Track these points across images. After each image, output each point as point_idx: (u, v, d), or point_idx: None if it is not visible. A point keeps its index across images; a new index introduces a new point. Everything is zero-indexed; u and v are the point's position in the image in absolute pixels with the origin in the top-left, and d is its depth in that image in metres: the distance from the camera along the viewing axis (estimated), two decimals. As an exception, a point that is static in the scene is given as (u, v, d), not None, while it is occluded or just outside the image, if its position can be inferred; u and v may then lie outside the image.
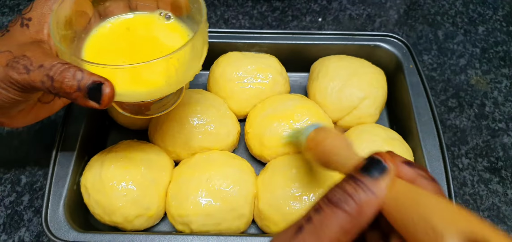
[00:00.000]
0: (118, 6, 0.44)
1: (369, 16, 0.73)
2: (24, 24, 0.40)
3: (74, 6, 0.40)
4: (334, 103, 0.54)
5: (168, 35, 0.43)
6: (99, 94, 0.34)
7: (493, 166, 0.56)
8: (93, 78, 0.34)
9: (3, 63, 0.37)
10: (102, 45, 0.42)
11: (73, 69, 0.35)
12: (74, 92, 0.35)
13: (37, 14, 0.40)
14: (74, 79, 0.34)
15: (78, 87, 0.34)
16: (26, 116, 0.43)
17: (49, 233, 0.44)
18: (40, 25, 0.40)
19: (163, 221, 0.49)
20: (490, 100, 0.62)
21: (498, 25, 0.72)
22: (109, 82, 0.35)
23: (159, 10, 0.44)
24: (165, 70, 0.37)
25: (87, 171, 0.48)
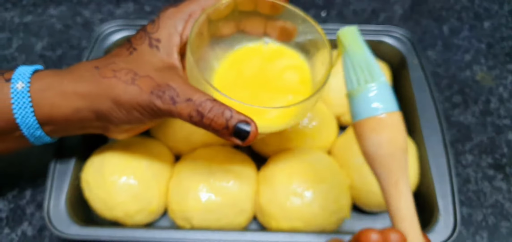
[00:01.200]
0: (228, 26, 0.44)
1: (374, 10, 0.72)
2: (153, 46, 0.40)
3: (199, 28, 0.40)
4: (337, 98, 0.54)
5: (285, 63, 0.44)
6: (246, 134, 0.36)
7: (498, 163, 0.56)
8: (241, 118, 0.35)
9: (147, 90, 0.37)
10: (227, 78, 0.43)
11: (222, 108, 0.36)
12: (222, 130, 0.36)
13: (165, 35, 0.40)
14: (223, 118, 0.35)
15: (226, 126, 0.35)
16: (135, 130, 0.43)
17: (51, 227, 0.44)
18: (170, 48, 0.40)
19: (164, 216, 0.50)
20: (495, 97, 0.62)
21: (504, 21, 0.71)
22: (254, 123, 0.36)
23: (264, 38, 0.45)
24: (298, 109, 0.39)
25: (89, 166, 0.48)
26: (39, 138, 0.41)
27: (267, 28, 0.45)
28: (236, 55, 0.45)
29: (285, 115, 0.39)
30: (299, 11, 0.42)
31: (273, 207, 0.46)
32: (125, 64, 0.39)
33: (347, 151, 0.50)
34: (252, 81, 0.43)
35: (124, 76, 0.38)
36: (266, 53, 0.45)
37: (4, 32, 0.68)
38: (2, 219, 0.50)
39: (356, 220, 0.50)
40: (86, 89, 0.38)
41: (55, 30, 0.69)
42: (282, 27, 0.44)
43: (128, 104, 0.38)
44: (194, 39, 0.39)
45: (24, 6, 0.72)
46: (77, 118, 0.40)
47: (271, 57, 0.45)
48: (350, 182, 0.48)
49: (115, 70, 0.38)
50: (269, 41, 0.45)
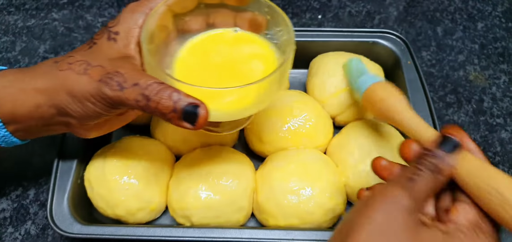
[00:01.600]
0: (196, 21, 0.44)
1: (369, 13, 0.73)
2: (111, 38, 0.40)
3: (159, 21, 0.40)
4: (332, 99, 0.55)
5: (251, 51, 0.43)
6: (195, 116, 0.34)
7: (491, 160, 0.56)
8: (189, 100, 0.34)
9: (96, 78, 0.37)
10: (188, 65, 0.42)
11: (169, 90, 0.34)
12: (170, 113, 0.34)
13: (124, 28, 0.40)
14: (170, 100, 0.34)
15: (174, 109, 0.34)
16: (102, 128, 0.43)
17: (54, 226, 0.45)
18: (127, 39, 0.40)
19: (165, 214, 0.51)
20: (489, 96, 0.63)
21: (497, 21, 0.72)
22: (204, 104, 0.34)
23: (234, 28, 0.45)
24: (256, 92, 0.37)
25: (91, 165, 0.49)
26: (4, 137, 0.41)
27: (237, 21, 0.44)
28: (200, 41, 0.44)
29: (243, 100, 0.38)
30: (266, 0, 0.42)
31: (270, 204, 0.47)
32: (80, 56, 0.39)
33: (343, 150, 0.51)
34: (215, 68, 0.42)
35: (78, 67, 0.38)
36: (233, 40, 0.44)
37: (7, 35, 0.69)
38: (6, 218, 0.51)
39: (352, 217, 0.51)
40: (45, 84, 0.38)
41: (58, 33, 0.70)
42: (252, 19, 0.44)
43: (80, 95, 0.37)
44: (150, 28, 0.39)
45: (27, 10, 0.73)
46: (39, 115, 0.39)
47: (238, 44, 0.44)
48: (345, 180, 0.49)
49: (70, 63, 0.38)
50: (238, 30, 0.45)
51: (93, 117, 0.39)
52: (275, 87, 0.39)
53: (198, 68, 0.42)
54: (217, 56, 0.43)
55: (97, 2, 0.74)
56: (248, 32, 0.45)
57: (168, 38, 0.42)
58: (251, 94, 0.38)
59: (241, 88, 0.36)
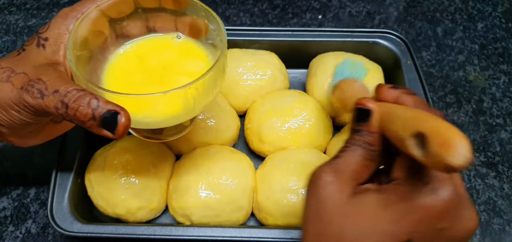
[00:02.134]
0: (135, 26, 0.43)
1: (369, 13, 0.73)
2: (40, 44, 0.39)
3: (91, 26, 0.39)
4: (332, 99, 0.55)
5: (187, 59, 0.43)
6: (115, 124, 0.33)
7: (490, 160, 0.57)
8: (108, 107, 0.33)
9: (18, 86, 0.36)
10: (120, 71, 0.41)
11: (88, 97, 0.33)
12: (88, 120, 0.33)
13: (53, 34, 0.39)
14: (88, 108, 0.33)
15: (93, 116, 0.33)
16: (37, 136, 0.43)
17: (55, 225, 0.45)
18: (56, 45, 0.39)
19: (165, 214, 0.51)
20: (488, 96, 0.63)
21: (497, 22, 0.72)
22: (125, 111, 0.33)
23: (176, 33, 0.44)
24: (183, 99, 0.36)
25: (91, 164, 0.49)
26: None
27: (177, 25, 0.44)
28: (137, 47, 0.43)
29: (171, 107, 0.37)
30: (202, 4, 0.41)
31: (270, 204, 0.47)
32: (6, 63, 0.38)
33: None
34: (147, 75, 0.41)
35: (1, 75, 0.37)
36: (169, 46, 0.44)
37: (8, 35, 0.69)
38: (7, 217, 0.51)
39: (351, 217, 0.51)
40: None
41: (58, 33, 0.70)
42: (192, 23, 0.43)
43: (3, 103, 0.36)
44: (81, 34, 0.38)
45: (28, 9, 0.73)
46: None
47: (173, 50, 0.43)
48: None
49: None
50: (182, 36, 0.44)
51: (22, 125, 0.38)
52: (205, 93, 0.38)
53: (129, 75, 0.41)
54: (150, 63, 0.42)
55: (97, 2, 0.74)
56: (185, 39, 0.44)
57: (105, 43, 0.42)
58: (178, 101, 0.37)
59: (166, 95, 0.34)
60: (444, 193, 0.28)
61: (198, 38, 0.44)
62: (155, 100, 0.35)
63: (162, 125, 0.40)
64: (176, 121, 0.40)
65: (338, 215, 0.30)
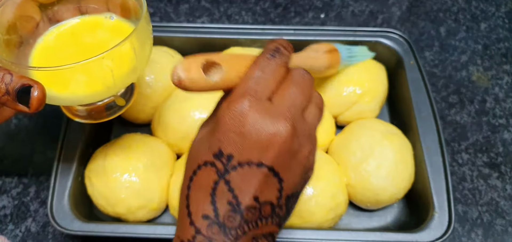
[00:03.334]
0: (67, 9, 0.43)
1: (372, 12, 0.73)
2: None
3: (18, 11, 0.39)
4: (334, 98, 0.55)
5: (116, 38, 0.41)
6: (28, 97, 0.33)
7: (493, 161, 0.56)
8: (22, 81, 0.33)
9: None
10: (49, 51, 0.41)
11: (1, 72, 0.33)
12: (3, 95, 0.33)
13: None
14: (2, 82, 0.33)
15: (7, 91, 0.33)
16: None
17: (55, 223, 0.45)
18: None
19: (165, 213, 0.51)
20: (491, 97, 0.62)
21: (500, 22, 0.72)
22: (40, 85, 0.33)
23: (108, 13, 0.44)
24: (100, 72, 0.36)
25: (91, 163, 0.49)
26: None
27: (109, 6, 0.44)
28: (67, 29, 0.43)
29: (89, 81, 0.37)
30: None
31: (271, 203, 0.47)
32: None
33: (344, 149, 0.51)
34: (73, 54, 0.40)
35: None
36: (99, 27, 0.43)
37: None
38: (7, 215, 0.51)
39: (353, 217, 0.51)
40: None
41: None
42: (122, 3, 0.43)
43: None
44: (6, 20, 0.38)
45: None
46: None
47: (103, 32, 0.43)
48: (347, 180, 0.49)
49: None
50: (114, 17, 0.44)
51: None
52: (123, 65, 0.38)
53: (57, 55, 0.41)
54: (80, 43, 0.42)
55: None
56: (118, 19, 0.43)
57: (38, 29, 0.41)
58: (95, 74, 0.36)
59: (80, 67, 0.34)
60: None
61: (129, 18, 0.43)
62: (70, 73, 0.35)
63: (84, 101, 0.39)
64: (99, 97, 0.39)
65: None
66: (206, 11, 0.73)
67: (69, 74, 0.35)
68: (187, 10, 0.73)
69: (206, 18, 0.72)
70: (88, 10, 0.44)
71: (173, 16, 0.72)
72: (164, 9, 0.73)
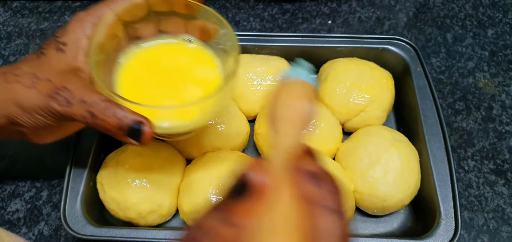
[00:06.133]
0: (147, 28, 0.44)
1: (378, 18, 0.73)
2: (59, 49, 0.40)
3: (109, 30, 0.40)
4: (342, 105, 0.55)
5: (197, 64, 0.44)
6: (139, 133, 0.35)
7: (499, 168, 0.57)
8: (134, 117, 0.35)
9: (44, 93, 0.37)
10: (133, 75, 0.42)
11: (114, 108, 0.35)
12: (115, 130, 0.35)
13: (72, 39, 0.40)
14: (115, 118, 0.35)
15: (119, 126, 0.35)
16: (55, 133, 0.44)
17: (67, 227, 0.46)
18: (75, 50, 0.40)
19: (175, 217, 0.51)
20: (498, 103, 0.63)
21: (507, 28, 0.72)
22: (149, 121, 0.35)
23: (186, 35, 0.45)
24: (199, 109, 0.38)
25: (103, 168, 0.50)
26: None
27: (188, 28, 0.45)
28: (147, 50, 0.45)
29: (187, 115, 0.39)
30: (213, 11, 0.42)
31: (279, 209, 0.47)
32: (28, 68, 0.39)
33: (351, 156, 0.51)
34: (160, 79, 0.42)
35: (25, 81, 0.38)
36: (181, 51, 0.45)
37: (21, 38, 0.70)
38: (20, 219, 0.52)
39: (359, 223, 0.52)
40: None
41: (70, 36, 0.71)
42: (202, 27, 0.44)
43: (30, 108, 0.38)
44: (99, 41, 0.39)
45: (41, 13, 0.74)
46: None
47: (183, 55, 0.45)
48: (354, 186, 0.50)
49: (17, 75, 0.39)
50: (192, 39, 0.45)
51: (44, 128, 0.40)
52: (220, 101, 0.40)
53: (141, 79, 0.42)
54: (163, 67, 0.44)
55: (109, 6, 0.75)
56: (198, 44, 0.45)
57: (119, 45, 0.43)
58: (195, 111, 0.39)
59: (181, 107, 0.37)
60: None
61: (208, 42, 0.45)
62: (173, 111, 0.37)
63: (180, 131, 0.41)
64: (194, 126, 0.41)
65: None
66: (214, 17, 0.73)
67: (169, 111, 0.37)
68: (196, 16, 0.74)
69: (215, 24, 0.73)
70: (167, 30, 0.45)
71: (182, 22, 0.73)
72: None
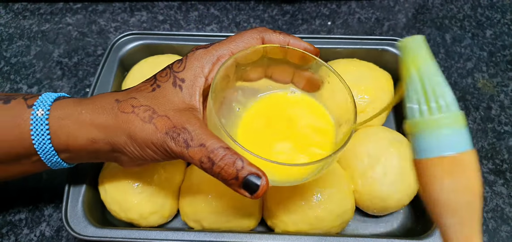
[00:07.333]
0: (256, 71, 0.44)
1: (378, 19, 0.74)
2: (177, 85, 0.39)
3: (225, 71, 0.39)
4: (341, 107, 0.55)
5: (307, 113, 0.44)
6: (256, 187, 0.34)
7: (498, 168, 0.57)
8: (252, 170, 0.34)
9: (162, 130, 0.36)
10: (249, 128, 0.42)
11: (234, 157, 0.34)
12: (231, 179, 0.35)
13: (190, 76, 0.39)
14: (233, 167, 0.34)
15: (236, 177, 0.34)
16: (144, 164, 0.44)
17: (69, 228, 0.46)
18: (193, 89, 0.39)
19: (176, 218, 0.52)
20: (497, 104, 0.63)
21: (506, 29, 0.72)
22: (266, 177, 0.34)
23: (290, 86, 0.45)
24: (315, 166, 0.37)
25: (105, 169, 0.50)
26: (56, 163, 0.42)
27: (294, 77, 0.45)
28: (261, 102, 0.45)
29: (302, 172, 0.38)
30: (327, 65, 0.42)
31: (280, 210, 0.48)
32: (145, 100, 0.38)
33: (352, 157, 0.52)
34: (274, 131, 0.42)
35: (142, 113, 0.37)
36: (292, 103, 0.45)
37: (23, 39, 0.71)
38: (22, 220, 0.52)
39: (359, 223, 0.52)
40: (104, 121, 0.38)
41: (72, 37, 0.71)
42: (310, 78, 0.44)
43: (142, 142, 0.37)
44: (218, 82, 0.38)
45: (42, 14, 0.74)
46: (93, 148, 0.40)
47: (297, 107, 0.45)
48: (354, 187, 0.50)
49: (134, 106, 0.38)
50: (294, 90, 0.45)
51: (148, 160, 0.39)
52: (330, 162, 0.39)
53: (257, 131, 0.42)
54: (276, 119, 0.44)
55: (110, 7, 0.75)
56: (303, 94, 0.45)
57: (227, 85, 0.42)
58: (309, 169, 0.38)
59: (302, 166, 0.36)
60: None
61: (311, 92, 0.45)
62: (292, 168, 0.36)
63: (286, 184, 0.40)
64: (301, 182, 0.40)
65: None
66: (215, 19, 0.74)
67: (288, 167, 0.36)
68: (196, 17, 0.74)
69: (215, 25, 0.73)
70: (273, 76, 0.45)
71: (183, 23, 0.73)
72: (174, 16, 0.74)
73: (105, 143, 0.39)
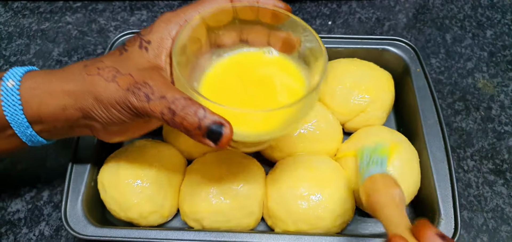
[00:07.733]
0: (229, 35, 0.43)
1: (378, 19, 0.74)
2: (142, 46, 0.40)
3: (192, 33, 0.40)
4: (342, 106, 0.55)
5: (281, 74, 0.43)
6: (219, 135, 0.34)
7: (498, 168, 0.57)
8: (214, 118, 0.34)
9: (124, 87, 0.37)
10: (216, 82, 0.42)
11: (195, 107, 0.34)
12: (194, 129, 0.34)
13: (156, 38, 0.40)
14: (195, 117, 0.34)
15: (199, 126, 0.34)
16: (124, 133, 0.43)
17: (68, 228, 0.46)
18: (159, 49, 0.40)
19: (176, 218, 0.51)
20: (497, 104, 0.63)
21: (506, 29, 0.72)
22: (229, 124, 0.34)
23: (268, 47, 0.44)
24: (282, 117, 0.37)
25: (104, 168, 0.50)
26: (31, 137, 0.41)
27: (270, 39, 0.44)
28: (232, 60, 0.44)
29: (268, 123, 0.38)
30: (300, 20, 0.41)
31: (280, 209, 0.47)
32: (110, 62, 0.39)
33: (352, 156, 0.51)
34: (242, 88, 0.42)
35: (107, 74, 0.38)
36: (264, 61, 0.44)
37: (22, 38, 0.70)
38: (21, 219, 0.52)
39: (360, 223, 0.52)
40: (72, 87, 0.39)
41: (71, 36, 0.71)
42: (286, 38, 0.43)
43: (107, 101, 0.38)
44: (186, 43, 0.39)
45: (42, 13, 0.74)
46: (64, 116, 0.40)
47: (268, 66, 0.44)
48: (354, 186, 0.50)
49: (99, 68, 0.39)
50: (272, 51, 0.44)
51: (117, 123, 0.39)
52: (301, 114, 0.39)
53: (225, 86, 0.42)
54: (246, 77, 0.43)
55: (110, 6, 0.75)
56: (280, 55, 0.44)
57: (200, 50, 0.42)
58: (276, 119, 0.37)
59: (266, 112, 0.36)
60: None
61: (289, 54, 0.44)
62: (256, 116, 0.36)
63: (256, 139, 0.40)
64: (269, 136, 0.40)
65: None
66: (214, 18, 0.74)
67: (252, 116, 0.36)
68: (196, 16, 0.74)
69: (215, 24, 0.73)
70: (248, 39, 0.44)
71: (182, 22, 0.73)
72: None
73: (76, 109, 0.39)
